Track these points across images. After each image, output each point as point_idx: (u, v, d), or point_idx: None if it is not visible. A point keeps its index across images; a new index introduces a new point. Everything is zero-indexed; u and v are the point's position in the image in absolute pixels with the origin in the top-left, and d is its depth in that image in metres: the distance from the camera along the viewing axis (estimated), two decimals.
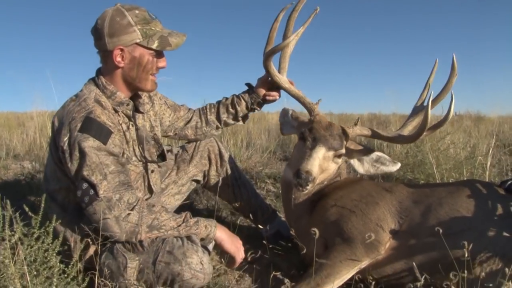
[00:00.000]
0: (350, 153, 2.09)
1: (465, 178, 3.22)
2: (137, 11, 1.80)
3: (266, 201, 2.59)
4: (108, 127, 1.73)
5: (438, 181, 3.23)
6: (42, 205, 1.70)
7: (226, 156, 2.46)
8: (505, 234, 1.55)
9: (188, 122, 2.34)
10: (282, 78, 2.18)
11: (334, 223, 1.84)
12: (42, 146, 6.12)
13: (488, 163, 2.80)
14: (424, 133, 1.95)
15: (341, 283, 1.70)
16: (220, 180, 2.41)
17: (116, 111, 1.87)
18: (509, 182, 1.73)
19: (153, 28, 1.80)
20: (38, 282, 1.52)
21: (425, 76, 2.29)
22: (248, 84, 2.38)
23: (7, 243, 1.52)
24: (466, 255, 1.44)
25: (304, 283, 1.68)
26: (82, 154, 1.65)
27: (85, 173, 1.64)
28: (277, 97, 2.34)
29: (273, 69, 2.13)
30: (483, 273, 1.54)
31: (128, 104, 1.91)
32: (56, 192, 1.87)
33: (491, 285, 1.50)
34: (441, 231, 1.55)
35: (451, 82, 2.04)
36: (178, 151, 2.40)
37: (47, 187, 1.91)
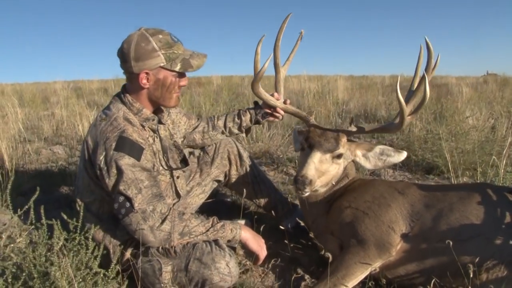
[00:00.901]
0: (353, 152, 2.19)
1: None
2: (160, 36, 1.90)
3: (284, 196, 2.73)
4: (139, 144, 1.87)
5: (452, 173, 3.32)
6: (81, 214, 1.87)
7: (244, 156, 2.60)
8: (511, 242, 1.65)
9: (196, 127, 2.50)
10: (273, 98, 2.37)
11: (348, 225, 1.97)
12: (68, 126, 6.36)
13: (503, 164, 2.84)
14: (407, 120, 2.06)
15: (356, 283, 1.85)
16: (241, 178, 2.59)
17: (143, 127, 2.01)
18: None
19: (175, 52, 1.91)
20: (84, 286, 1.70)
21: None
22: (255, 102, 2.58)
23: (54, 252, 1.70)
24: (474, 262, 1.58)
25: (322, 283, 1.82)
26: (119, 171, 1.80)
27: (121, 187, 1.79)
28: (278, 116, 2.51)
29: (263, 93, 2.29)
30: (489, 279, 1.65)
31: (153, 120, 2.05)
32: (91, 204, 2.01)
33: None
34: (451, 237, 1.69)
35: (431, 62, 2.09)
36: (200, 154, 2.55)
37: (80, 198, 2.03)
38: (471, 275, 1.56)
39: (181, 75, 1.99)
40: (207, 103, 7.74)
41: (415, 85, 2.20)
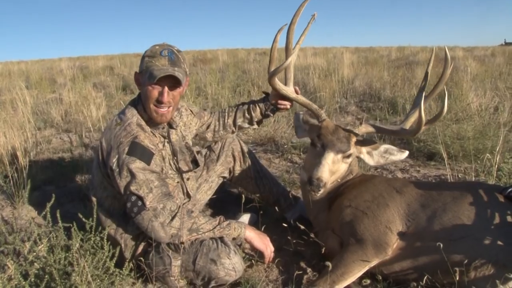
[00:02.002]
0: (359, 149, 2.28)
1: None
2: (157, 47, 2.07)
3: (286, 189, 2.83)
4: (150, 149, 2.01)
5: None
6: (94, 215, 2.00)
7: (247, 152, 2.72)
8: (499, 242, 1.75)
9: (209, 126, 2.58)
10: (289, 90, 2.36)
11: (348, 224, 2.08)
12: (76, 112, 6.45)
13: (497, 158, 2.91)
14: (423, 128, 2.12)
15: (354, 279, 1.97)
16: (244, 173, 2.72)
17: (153, 133, 2.13)
18: (509, 190, 1.89)
19: (153, 62, 2.02)
20: (102, 285, 1.84)
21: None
22: (265, 92, 2.59)
23: (73, 254, 1.83)
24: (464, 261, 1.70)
25: (322, 280, 1.95)
26: (131, 173, 1.93)
27: (133, 188, 1.93)
28: (288, 106, 2.54)
29: (279, 85, 2.31)
30: (476, 277, 1.76)
31: (163, 128, 2.19)
32: (103, 199, 2.16)
33: None
34: (443, 237, 1.81)
35: (446, 74, 2.21)
36: (206, 153, 2.67)
37: (94, 193, 2.19)
38: (457, 277, 1.68)
39: (162, 88, 2.05)
40: (213, 83, 7.79)
41: (434, 93, 2.29)
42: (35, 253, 1.78)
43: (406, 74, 8.85)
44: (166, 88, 2.05)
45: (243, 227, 2.13)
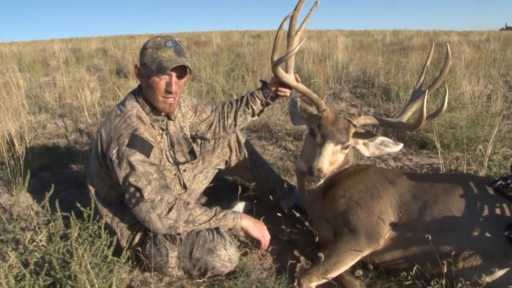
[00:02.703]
0: (356, 141, 2.32)
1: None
2: (159, 39, 2.07)
3: (282, 178, 2.87)
4: (150, 142, 2.03)
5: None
6: (93, 205, 2.04)
7: (243, 142, 2.73)
8: (487, 234, 1.81)
9: (210, 127, 2.58)
10: (290, 78, 2.37)
11: (342, 214, 2.12)
12: (70, 96, 6.43)
13: (488, 152, 2.95)
14: (422, 124, 2.16)
15: (346, 268, 2.02)
16: (240, 163, 2.75)
17: (153, 126, 2.15)
18: (498, 183, 1.94)
19: (159, 53, 2.03)
20: (100, 275, 1.88)
21: None
22: (262, 81, 2.59)
23: (72, 243, 1.87)
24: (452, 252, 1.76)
25: (315, 269, 2.00)
26: (131, 165, 1.96)
27: (132, 180, 1.96)
28: (288, 94, 2.54)
29: (282, 73, 2.32)
30: (464, 268, 1.82)
31: (163, 120, 2.22)
32: (100, 189, 2.20)
33: (470, 277, 1.79)
34: (434, 228, 1.87)
35: (446, 70, 2.23)
36: (202, 142, 2.68)
37: (91, 182, 2.23)
38: (445, 269, 1.75)
39: (169, 79, 2.08)
40: (207, 67, 7.77)
41: (434, 88, 2.31)
42: (35, 243, 1.80)
43: (400, 59, 8.88)
44: (174, 78, 2.08)
45: (239, 217, 2.17)
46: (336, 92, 6.21)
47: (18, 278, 1.75)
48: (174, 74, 2.07)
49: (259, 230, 2.23)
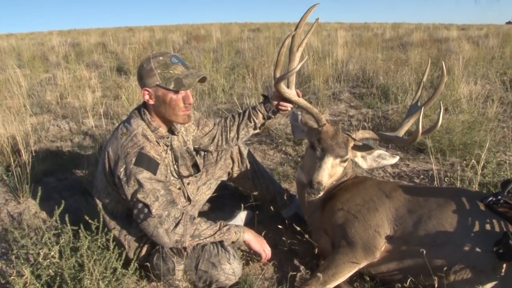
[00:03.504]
0: (354, 153, 2.40)
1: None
2: (160, 58, 2.11)
3: (282, 187, 2.96)
4: (156, 160, 2.10)
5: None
6: (101, 218, 2.12)
7: (245, 153, 2.83)
8: (477, 249, 1.90)
9: (212, 140, 2.66)
10: (291, 93, 2.45)
11: (340, 227, 2.21)
12: (71, 95, 6.48)
13: (481, 165, 3.03)
14: (418, 139, 2.25)
15: (344, 279, 2.12)
16: (242, 174, 2.85)
17: (158, 143, 2.23)
18: (489, 199, 2.03)
19: (171, 72, 2.10)
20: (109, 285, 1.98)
21: None
22: (264, 95, 2.67)
23: (84, 255, 1.96)
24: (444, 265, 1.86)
25: (314, 279, 2.09)
26: (139, 183, 2.03)
27: (140, 196, 2.03)
28: (289, 108, 2.62)
29: (284, 88, 2.40)
30: (455, 281, 1.91)
31: (168, 137, 2.29)
32: (107, 203, 2.28)
33: None
34: (427, 242, 1.96)
35: (441, 87, 2.32)
36: (205, 154, 2.76)
37: (98, 196, 2.31)
38: (437, 282, 1.84)
39: (183, 93, 2.16)
40: (207, 64, 7.82)
41: (429, 104, 2.41)
42: (48, 260, 1.89)
43: (399, 56, 8.94)
44: (189, 91, 2.19)
45: (242, 231, 2.26)
46: (335, 93, 6.28)
47: None
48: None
49: (260, 244, 2.32)
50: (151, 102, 2.17)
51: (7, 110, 5.10)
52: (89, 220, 2.08)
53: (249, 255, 2.44)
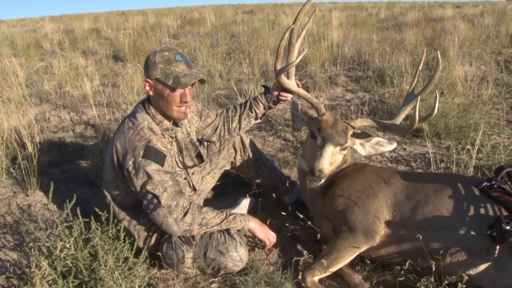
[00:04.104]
0: (353, 141, 2.49)
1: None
2: (166, 53, 2.19)
3: (284, 174, 3.05)
4: (162, 152, 2.18)
5: None
6: (111, 210, 2.21)
7: (247, 142, 2.91)
8: (472, 232, 2.00)
9: (215, 130, 2.74)
10: (291, 84, 2.52)
11: (341, 213, 2.31)
12: (69, 83, 6.50)
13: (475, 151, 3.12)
14: (415, 126, 2.35)
15: (345, 263, 2.23)
16: (244, 163, 2.94)
17: (163, 135, 2.30)
18: (484, 184, 2.13)
19: (172, 69, 2.17)
20: (122, 276, 2.07)
21: None
22: (264, 86, 2.74)
23: (98, 246, 2.05)
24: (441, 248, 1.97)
25: (317, 264, 2.19)
26: (148, 175, 2.12)
27: (149, 187, 2.11)
28: (289, 98, 2.70)
29: (284, 79, 2.48)
30: (451, 263, 2.02)
31: (172, 129, 2.37)
32: (115, 195, 2.36)
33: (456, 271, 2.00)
34: (424, 226, 2.07)
35: (436, 76, 2.37)
36: (208, 144, 2.84)
37: (107, 189, 2.39)
38: (434, 264, 1.95)
39: (180, 90, 2.22)
40: (203, 50, 7.83)
41: (425, 92, 2.46)
42: (64, 252, 1.97)
43: (394, 37, 8.95)
44: (187, 89, 2.24)
45: (247, 220, 2.36)
46: (332, 77, 6.34)
47: (49, 282, 1.93)
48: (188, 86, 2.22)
49: (264, 232, 2.43)
50: (151, 93, 2.26)
51: (7, 102, 5.14)
52: (99, 212, 2.16)
53: (254, 242, 2.54)
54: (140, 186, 2.14)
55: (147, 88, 2.25)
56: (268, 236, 2.43)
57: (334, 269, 2.20)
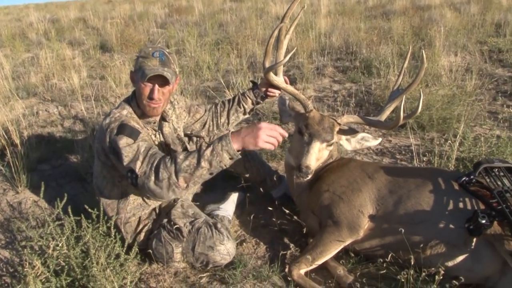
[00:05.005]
0: (339, 137, 2.55)
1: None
2: (150, 49, 2.28)
3: (272, 168, 3.11)
4: (137, 129, 2.20)
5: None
6: (101, 208, 2.25)
7: None
8: (451, 226, 2.08)
9: (204, 126, 2.78)
10: (280, 80, 2.56)
11: (326, 207, 2.38)
12: (56, 76, 6.46)
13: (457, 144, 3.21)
14: (400, 123, 2.41)
15: (331, 256, 2.31)
16: None
17: (146, 126, 2.37)
18: (463, 179, 2.21)
19: (145, 62, 2.23)
20: (114, 272, 2.12)
21: None
22: (252, 81, 2.78)
23: (90, 245, 2.09)
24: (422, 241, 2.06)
25: (303, 257, 2.27)
26: (120, 149, 2.09)
27: (125, 163, 2.07)
28: (277, 94, 2.77)
29: (272, 76, 2.51)
30: (431, 255, 2.11)
31: (155, 122, 2.42)
32: (103, 187, 2.41)
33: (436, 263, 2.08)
34: (406, 220, 2.15)
35: (421, 74, 2.41)
36: (197, 140, 2.88)
37: (95, 182, 2.45)
38: (413, 261, 2.03)
39: (153, 85, 2.25)
40: (191, 41, 7.80)
41: (410, 90, 2.49)
42: (57, 251, 2.02)
43: (382, 26, 9.00)
44: (156, 86, 2.26)
45: (228, 142, 1.97)
46: (319, 67, 6.37)
47: (42, 281, 1.98)
48: (156, 83, 2.25)
49: (254, 138, 1.99)
50: (133, 84, 2.35)
51: None
52: (90, 210, 2.20)
53: (243, 236, 2.60)
54: (121, 164, 2.09)
55: (131, 79, 2.37)
56: (260, 135, 1.98)
57: (319, 262, 2.28)
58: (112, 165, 2.28)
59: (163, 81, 2.26)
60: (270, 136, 2.01)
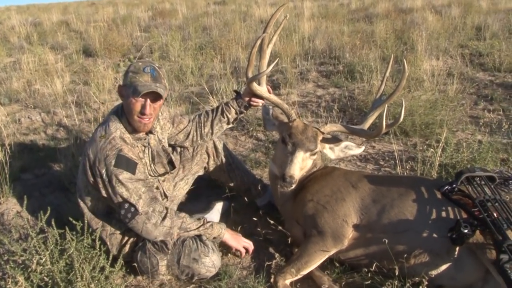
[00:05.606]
0: (323, 146, 2.57)
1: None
2: (140, 64, 2.26)
3: (256, 177, 3.12)
4: (134, 160, 2.23)
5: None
6: (86, 220, 2.22)
7: (220, 147, 2.96)
8: (434, 235, 2.12)
9: (188, 136, 2.77)
10: (263, 90, 2.57)
11: (310, 217, 2.39)
12: (39, 82, 6.37)
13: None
14: (382, 132, 2.43)
15: (315, 266, 2.32)
16: (217, 167, 2.99)
17: (136, 144, 2.36)
18: (445, 188, 2.24)
19: (136, 77, 2.22)
20: (99, 286, 2.10)
21: None
22: (236, 91, 2.78)
23: (74, 258, 2.07)
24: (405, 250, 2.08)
25: (289, 268, 2.28)
26: (121, 183, 2.17)
27: (125, 196, 2.17)
28: (260, 104, 2.76)
29: (255, 86, 2.53)
30: (415, 264, 2.14)
31: (145, 138, 2.42)
32: (87, 201, 2.39)
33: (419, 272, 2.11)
34: (390, 229, 2.18)
35: (402, 83, 2.45)
36: (181, 150, 2.87)
37: (79, 195, 2.42)
38: (397, 271, 2.05)
39: (144, 101, 2.25)
40: (175, 45, 7.77)
41: (392, 99, 2.53)
42: (41, 267, 1.99)
43: (365, 29, 9.08)
44: (148, 102, 2.25)
45: (224, 229, 2.46)
46: (303, 72, 6.41)
47: None
48: (148, 98, 2.24)
49: (237, 241, 2.53)
50: (122, 99, 2.33)
51: None
52: (74, 221, 2.17)
53: (228, 249, 2.60)
54: (115, 195, 2.18)
55: (119, 93, 2.33)
56: (243, 244, 2.52)
57: (305, 272, 2.29)
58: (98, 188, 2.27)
59: (155, 97, 2.27)
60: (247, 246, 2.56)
